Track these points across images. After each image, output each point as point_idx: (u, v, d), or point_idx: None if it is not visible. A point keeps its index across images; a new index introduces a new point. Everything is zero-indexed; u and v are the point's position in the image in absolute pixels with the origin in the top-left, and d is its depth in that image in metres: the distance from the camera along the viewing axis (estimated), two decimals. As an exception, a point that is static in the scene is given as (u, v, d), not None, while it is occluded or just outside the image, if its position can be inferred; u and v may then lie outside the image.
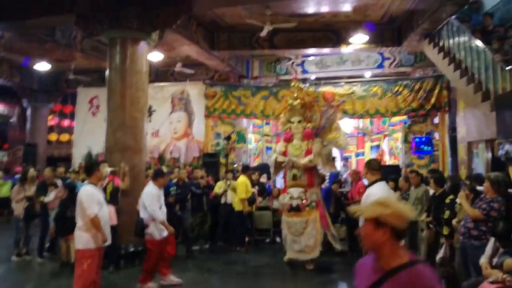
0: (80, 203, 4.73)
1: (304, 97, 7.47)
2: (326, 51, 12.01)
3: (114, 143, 7.78)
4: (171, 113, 13.25)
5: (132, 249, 7.23)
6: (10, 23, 9.06)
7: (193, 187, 8.62)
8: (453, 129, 10.52)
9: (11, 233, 8.22)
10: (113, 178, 7.08)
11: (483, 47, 7.42)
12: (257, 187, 9.35)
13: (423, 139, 11.50)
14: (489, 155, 7.92)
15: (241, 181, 8.63)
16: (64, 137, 18.40)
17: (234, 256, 8.20)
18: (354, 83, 12.21)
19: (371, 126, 14.97)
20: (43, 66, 13.40)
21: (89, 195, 4.74)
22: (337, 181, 9.31)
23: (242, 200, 8.56)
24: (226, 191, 8.88)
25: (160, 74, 14.73)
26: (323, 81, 12.65)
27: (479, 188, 5.00)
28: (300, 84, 8.14)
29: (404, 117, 12.17)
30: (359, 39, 10.90)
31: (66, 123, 18.37)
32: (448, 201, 5.34)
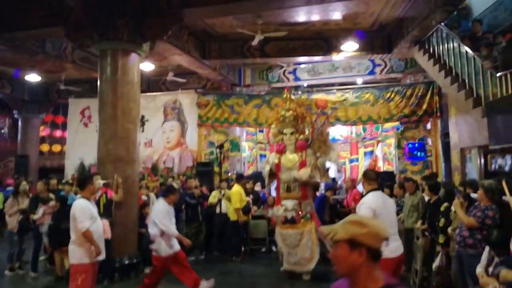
0: (73, 217, 4.69)
1: (296, 108, 7.45)
2: (317, 58, 12.06)
3: (106, 154, 7.70)
4: (163, 122, 13.21)
5: (127, 262, 7.17)
6: (0, 35, 9.00)
7: (187, 197, 8.55)
8: (446, 135, 10.59)
9: (4, 246, 8.11)
10: (106, 191, 7.03)
11: (472, 54, 7.49)
12: (251, 196, 9.29)
13: (416, 145, 11.58)
14: (482, 161, 7.98)
15: (235, 190, 8.58)
16: (56, 148, 18.32)
17: (230, 266, 8.15)
18: (346, 90, 12.30)
19: (364, 133, 15.03)
20: (33, 77, 13.36)
21: (82, 209, 4.69)
22: (331, 188, 9.22)
23: (237, 209, 8.51)
24: (221, 200, 8.79)
25: (152, 83, 14.71)
26: (315, 88, 12.72)
27: (473, 195, 5.02)
28: (292, 94, 8.11)
29: (397, 123, 12.22)
30: (349, 47, 10.94)
31: (58, 133, 18.31)
32: (443, 208, 5.36)
